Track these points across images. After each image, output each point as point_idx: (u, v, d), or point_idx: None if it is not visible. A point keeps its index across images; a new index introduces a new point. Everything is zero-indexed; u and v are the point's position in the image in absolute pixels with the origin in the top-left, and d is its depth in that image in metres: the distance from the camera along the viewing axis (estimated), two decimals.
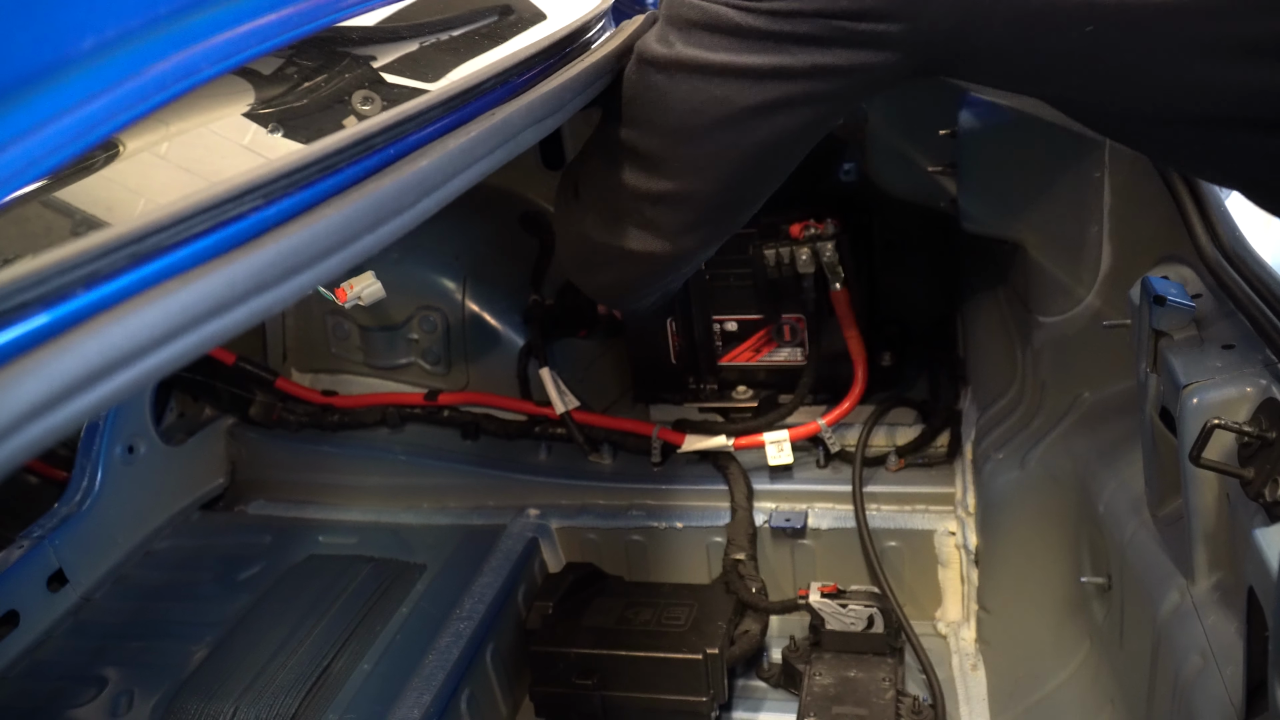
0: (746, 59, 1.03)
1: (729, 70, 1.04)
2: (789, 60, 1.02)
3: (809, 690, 1.70)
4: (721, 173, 1.16)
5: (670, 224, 1.22)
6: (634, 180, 1.18)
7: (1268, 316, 1.07)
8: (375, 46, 1.15)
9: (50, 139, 0.64)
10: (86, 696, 1.68)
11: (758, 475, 2.00)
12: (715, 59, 1.05)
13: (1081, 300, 1.59)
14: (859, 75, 1.03)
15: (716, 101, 1.07)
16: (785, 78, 1.03)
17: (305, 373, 2.31)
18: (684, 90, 1.08)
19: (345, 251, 0.75)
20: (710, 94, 1.07)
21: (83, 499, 1.95)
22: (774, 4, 0.99)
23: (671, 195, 1.18)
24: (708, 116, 1.09)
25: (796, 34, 0.99)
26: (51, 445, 0.55)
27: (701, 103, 1.08)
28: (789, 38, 1.00)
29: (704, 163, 1.14)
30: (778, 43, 1.01)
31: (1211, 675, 0.99)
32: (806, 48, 1.00)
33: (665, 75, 1.09)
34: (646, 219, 1.22)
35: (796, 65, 1.02)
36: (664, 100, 1.11)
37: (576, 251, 1.35)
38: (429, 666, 1.65)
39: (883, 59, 1.00)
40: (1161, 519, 1.19)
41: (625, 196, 1.21)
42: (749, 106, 1.06)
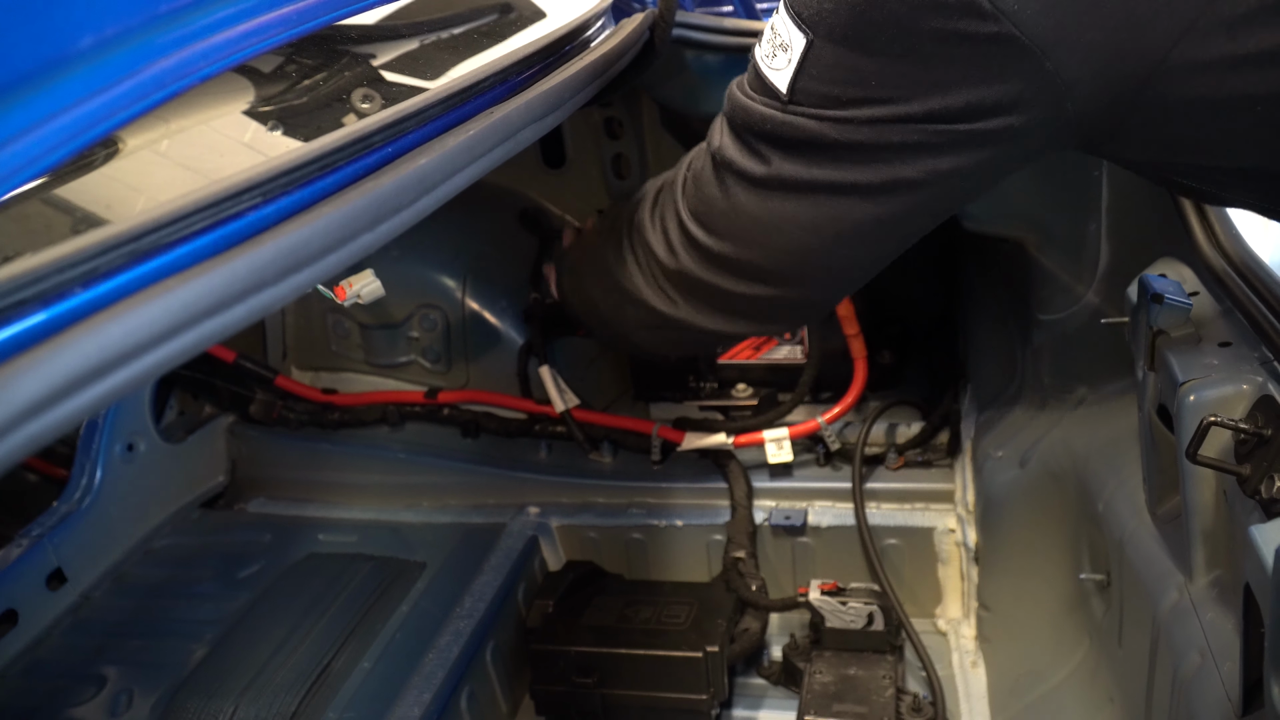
0: (856, 176, 0.93)
1: (838, 188, 0.95)
2: (907, 173, 0.92)
3: (809, 688, 1.70)
4: (832, 277, 1.10)
5: (772, 315, 1.17)
6: (731, 285, 1.10)
7: (1265, 314, 1.07)
8: (375, 45, 1.15)
9: (50, 136, 0.64)
10: (86, 695, 1.68)
11: (758, 473, 2.00)
12: (821, 177, 0.95)
13: (1080, 298, 1.59)
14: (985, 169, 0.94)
15: (829, 220, 0.98)
16: (904, 190, 0.94)
17: (305, 371, 2.31)
18: (788, 209, 0.99)
19: (344, 249, 0.75)
20: (820, 213, 0.98)
21: (82, 497, 1.95)
22: (874, 111, 0.89)
23: (776, 298, 1.11)
24: (819, 235, 1.00)
25: (908, 144, 0.90)
26: (50, 443, 0.55)
27: (809, 221, 0.99)
28: (898, 149, 0.90)
29: (818, 274, 1.08)
30: (889, 154, 0.91)
31: (1209, 672, 0.99)
32: (922, 157, 0.90)
33: (761, 193, 1.00)
34: (743, 311, 1.15)
35: (914, 177, 0.92)
36: (764, 218, 1.01)
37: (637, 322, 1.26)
38: (429, 665, 1.65)
39: (1007, 152, 0.91)
40: (1160, 516, 1.20)
41: (721, 296, 1.13)
42: (864, 221, 0.97)
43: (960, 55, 0.83)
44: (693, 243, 1.10)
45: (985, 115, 0.86)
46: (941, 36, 0.82)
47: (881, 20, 0.84)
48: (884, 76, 0.87)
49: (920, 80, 0.86)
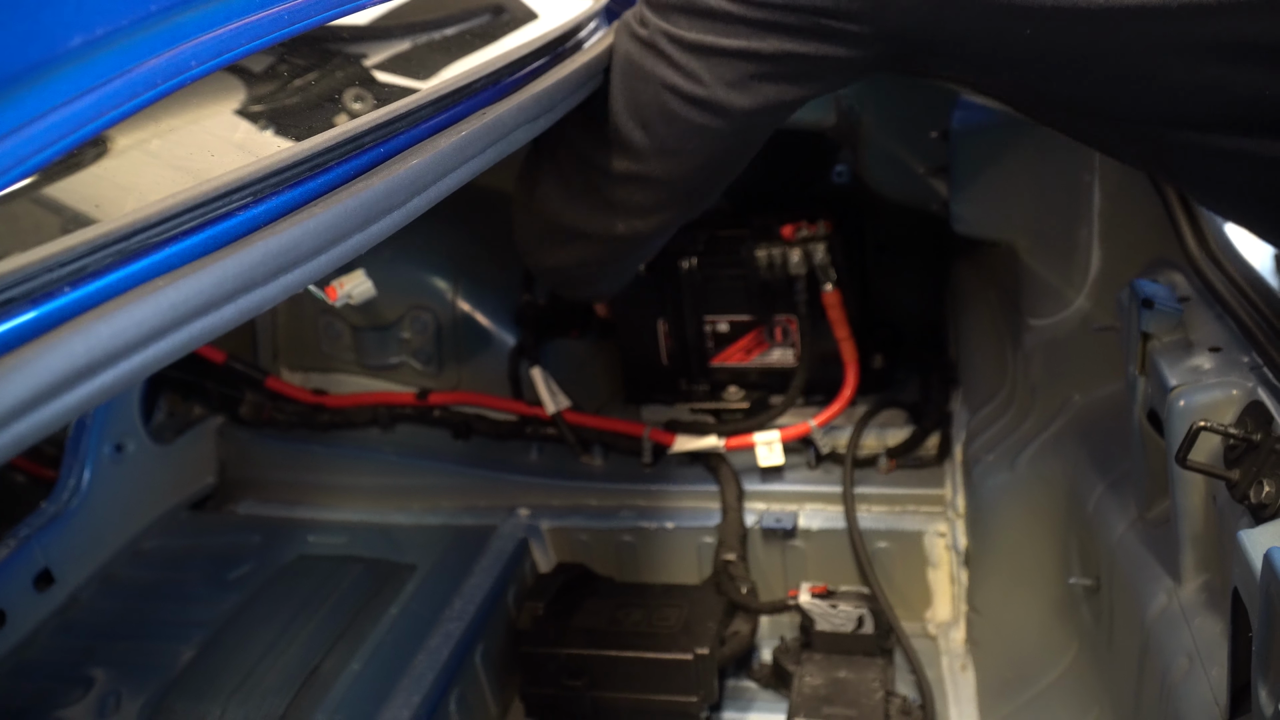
0: (719, 40, 1.06)
1: (701, 48, 1.07)
2: (760, 45, 1.05)
3: (799, 691, 1.70)
4: (691, 152, 1.17)
5: (636, 204, 1.24)
6: (605, 158, 1.20)
7: (1255, 320, 1.07)
8: (367, 45, 1.15)
9: (39, 136, 0.64)
10: (74, 696, 1.67)
11: (748, 476, 2.00)
12: (688, 37, 1.08)
13: (1072, 303, 1.60)
14: (827, 65, 1.06)
15: (688, 79, 1.10)
16: (756, 60, 1.06)
17: (296, 372, 2.31)
18: (656, 68, 1.11)
19: (335, 250, 0.75)
20: (682, 71, 1.10)
21: (70, 498, 1.94)
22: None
23: (641, 175, 1.20)
24: (679, 94, 1.11)
25: (769, 21, 1.03)
26: (37, 443, 0.55)
27: (673, 81, 1.10)
28: (761, 24, 1.03)
29: (674, 143, 1.16)
30: (750, 27, 1.04)
31: (1197, 676, 0.99)
32: (778, 34, 1.03)
33: (640, 51, 1.12)
34: (615, 198, 1.24)
35: (767, 50, 1.05)
36: (636, 77, 1.13)
37: (534, 229, 1.37)
38: (419, 667, 1.65)
39: (848, 53, 1.04)
40: (1150, 521, 1.20)
41: (595, 174, 1.23)
42: (720, 86, 1.09)
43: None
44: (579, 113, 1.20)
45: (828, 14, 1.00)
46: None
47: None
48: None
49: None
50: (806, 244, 1.89)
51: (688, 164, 1.19)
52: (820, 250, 1.87)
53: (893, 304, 2.12)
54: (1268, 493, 0.88)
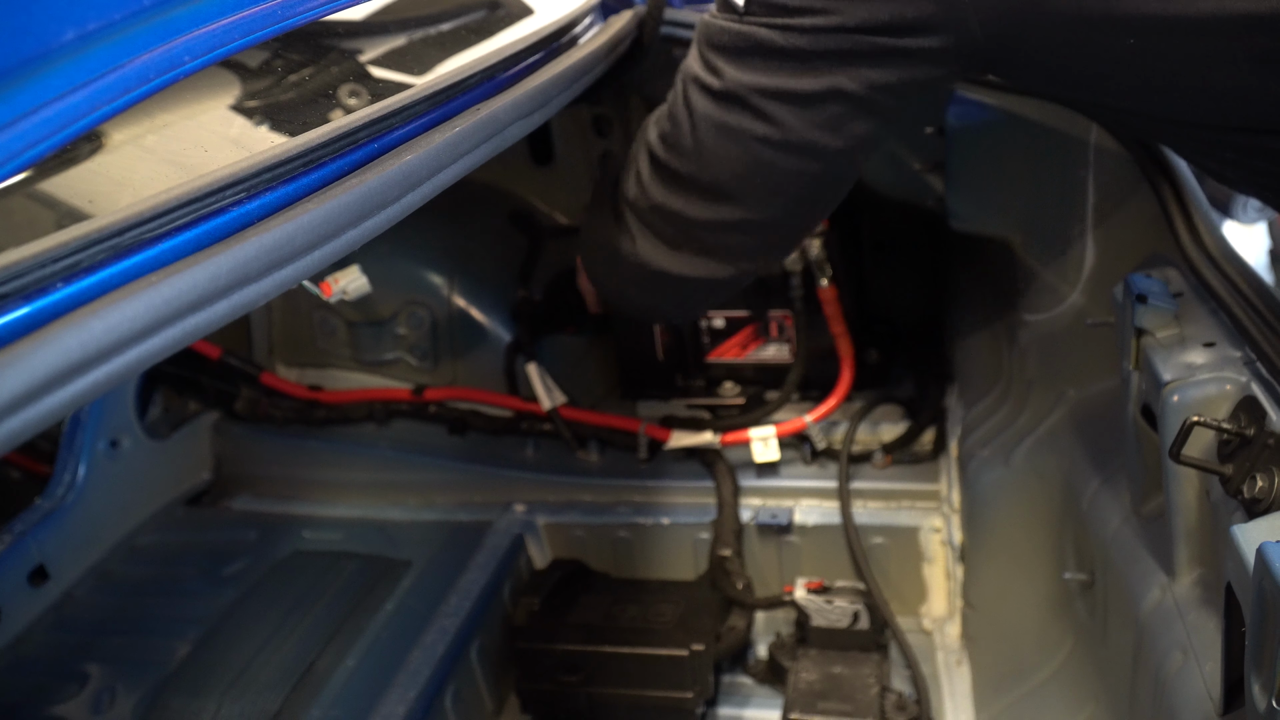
0: (802, 83, 1.03)
1: (785, 96, 1.04)
2: (845, 82, 1.02)
3: (794, 686, 1.71)
4: (790, 196, 1.15)
5: (743, 248, 1.21)
6: (700, 211, 1.17)
7: (1248, 315, 1.07)
8: (362, 40, 1.15)
9: (33, 130, 0.64)
10: (69, 693, 1.67)
11: (744, 472, 2.00)
12: (771, 84, 1.04)
13: (1066, 298, 1.60)
14: (911, 88, 1.03)
15: (779, 129, 1.06)
16: (843, 99, 1.03)
17: (291, 367, 2.30)
18: (742, 121, 1.08)
19: (329, 245, 0.75)
20: (771, 121, 1.06)
21: (65, 494, 1.94)
22: (814, 20, 0.99)
23: (743, 223, 1.17)
24: (772, 144, 1.08)
25: (847, 51, 1.00)
26: (31, 438, 0.55)
27: (765, 134, 1.07)
28: (840, 56, 1.00)
29: (773, 189, 1.13)
30: (829, 62, 1.01)
31: (1191, 671, 0.99)
32: (860, 65, 1.00)
33: (721, 108, 1.08)
34: (708, 246, 1.20)
35: (852, 87, 1.02)
36: (724, 133, 1.09)
37: (628, 277, 1.30)
38: (414, 663, 1.65)
39: (931, 72, 1.01)
40: (1144, 516, 1.20)
41: (691, 226, 1.19)
42: (811, 130, 1.06)
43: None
44: (657, 165, 1.18)
45: (906, 32, 0.97)
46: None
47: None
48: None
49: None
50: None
51: (788, 206, 1.16)
52: (816, 246, 1.87)
53: (888, 300, 2.12)
54: (1261, 487, 0.88)
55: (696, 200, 1.16)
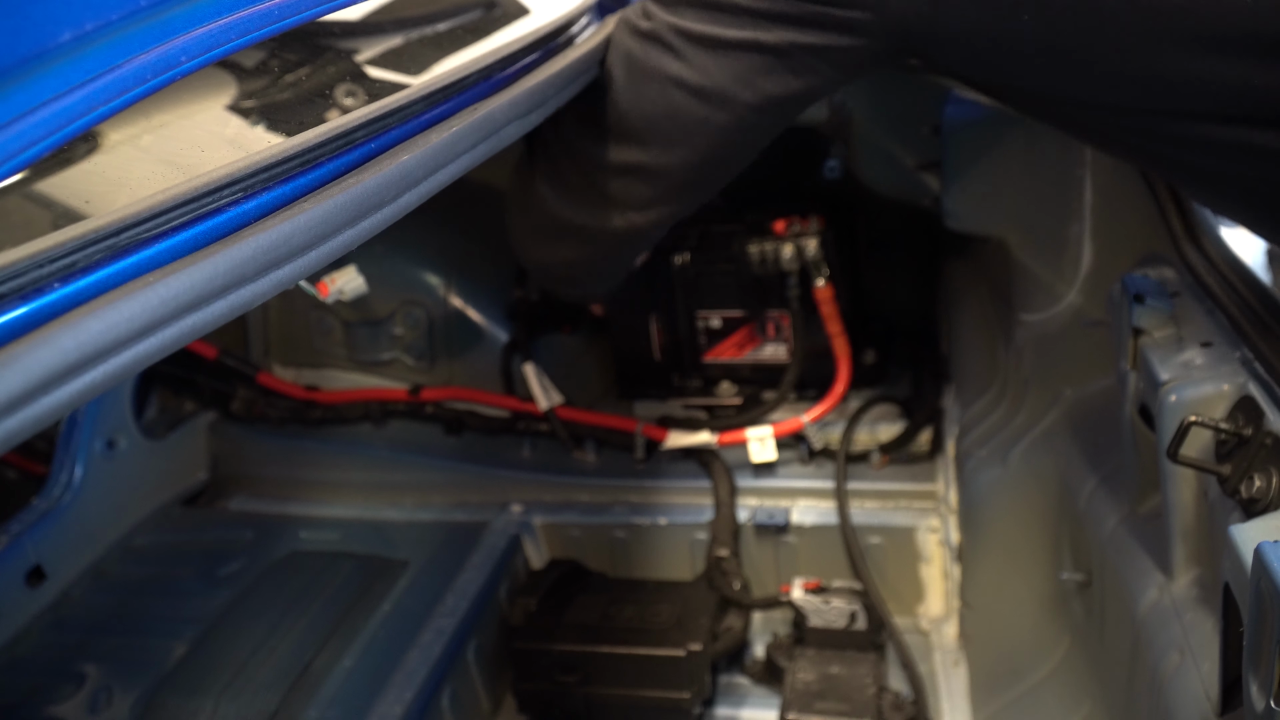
0: (726, 32, 1.06)
1: (707, 40, 1.07)
2: (765, 36, 1.05)
3: (791, 686, 1.71)
4: (693, 146, 1.17)
5: (637, 198, 1.24)
6: (603, 151, 1.20)
7: (1245, 314, 1.08)
8: (359, 40, 1.15)
9: (29, 131, 0.64)
10: (65, 693, 1.67)
11: (741, 472, 2.00)
12: (695, 29, 1.08)
13: (1063, 298, 1.60)
14: (831, 56, 1.06)
15: (694, 71, 1.10)
16: (761, 51, 1.06)
17: (288, 367, 2.30)
18: (661, 61, 1.11)
19: (326, 245, 0.75)
20: (688, 63, 1.10)
21: (62, 494, 1.94)
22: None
23: (642, 168, 1.20)
24: (684, 87, 1.11)
25: (775, 12, 1.03)
26: (28, 438, 0.55)
27: (678, 73, 1.10)
28: (767, 15, 1.04)
29: (678, 135, 1.16)
30: (756, 18, 1.05)
31: (1189, 671, 0.99)
32: (783, 25, 1.04)
33: (643, 45, 1.12)
34: (613, 192, 1.23)
35: (772, 41, 1.05)
36: (640, 71, 1.13)
37: (529, 226, 1.36)
38: (411, 663, 1.65)
39: (852, 42, 1.04)
40: (1141, 516, 1.20)
41: (592, 168, 1.22)
42: (724, 78, 1.09)
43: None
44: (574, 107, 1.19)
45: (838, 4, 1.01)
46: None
47: None
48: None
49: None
50: (799, 239, 1.89)
51: (689, 158, 1.19)
52: (812, 245, 1.87)
53: (885, 299, 2.12)
54: (1259, 487, 0.88)
55: (603, 141, 1.19)
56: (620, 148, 1.19)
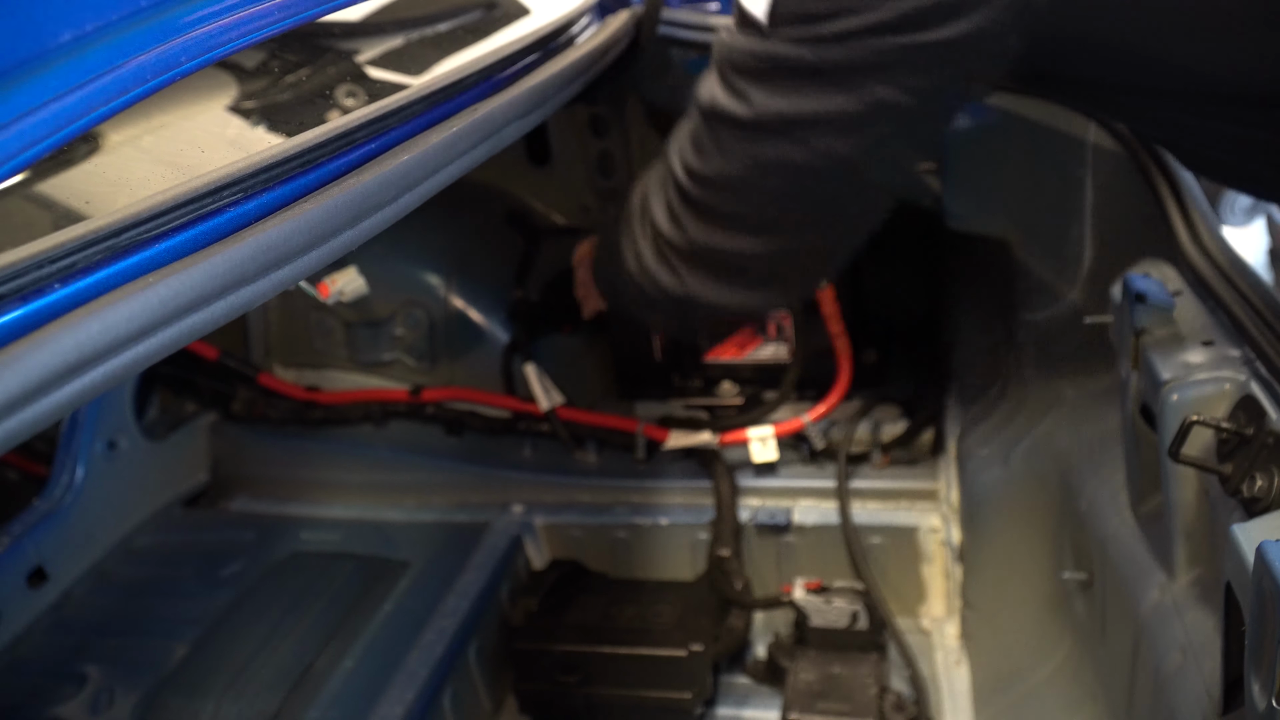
0: (840, 103, 0.93)
1: (824, 120, 0.94)
2: (889, 94, 0.91)
3: (793, 686, 1.71)
4: (842, 217, 1.08)
5: (789, 276, 1.15)
6: (741, 244, 1.08)
7: (1247, 314, 1.07)
8: (359, 41, 1.15)
9: (30, 131, 0.64)
10: (67, 693, 1.67)
11: (742, 472, 2.00)
12: (806, 109, 0.94)
13: (1064, 297, 1.60)
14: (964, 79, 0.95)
15: (816, 157, 0.97)
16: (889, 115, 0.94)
17: (289, 368, 2.30)
18: (778, 151, 0.98)
19: (326, 246, 0.75)
20: (806, 151, 0.97)
21: (63, 495, 1.94)
22: (847, 23, 0.88)
23: (789, 252, 1.10)
24: (808, 175, 0.99)
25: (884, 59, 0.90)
26: (29, 439, 0.55)
27: (800, 161, 0.98)
28: (876, 65, 0.90)
29: (822, 215, 1.06)
30: (867, 75, 0.91)
31: (1190, 671, 0.99)
32: (901, 72, 0.91)
33: (750, 136, 0.99)
34: (762, 277, 1.13)
35: (897, 100, 0.92)
36: (755, 163, 1.00)
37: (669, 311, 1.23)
38: (412, 664, 1.65)
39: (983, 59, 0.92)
40: (1142, 515, 1.20)
41: (733, 259, 1.10)
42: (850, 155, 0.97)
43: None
44: (690, 202, 1.09)
45: (957, 13, 0.87)
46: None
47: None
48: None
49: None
50: None
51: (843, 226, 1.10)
52: None
53: (886, 299, 2.12)
54: (1260, 487, 0.88)
55: (742, 236, 1.07)
56: (767, 239, 1.07)
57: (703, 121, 1.04)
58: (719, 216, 1.07)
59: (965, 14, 0.87)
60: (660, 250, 1.16)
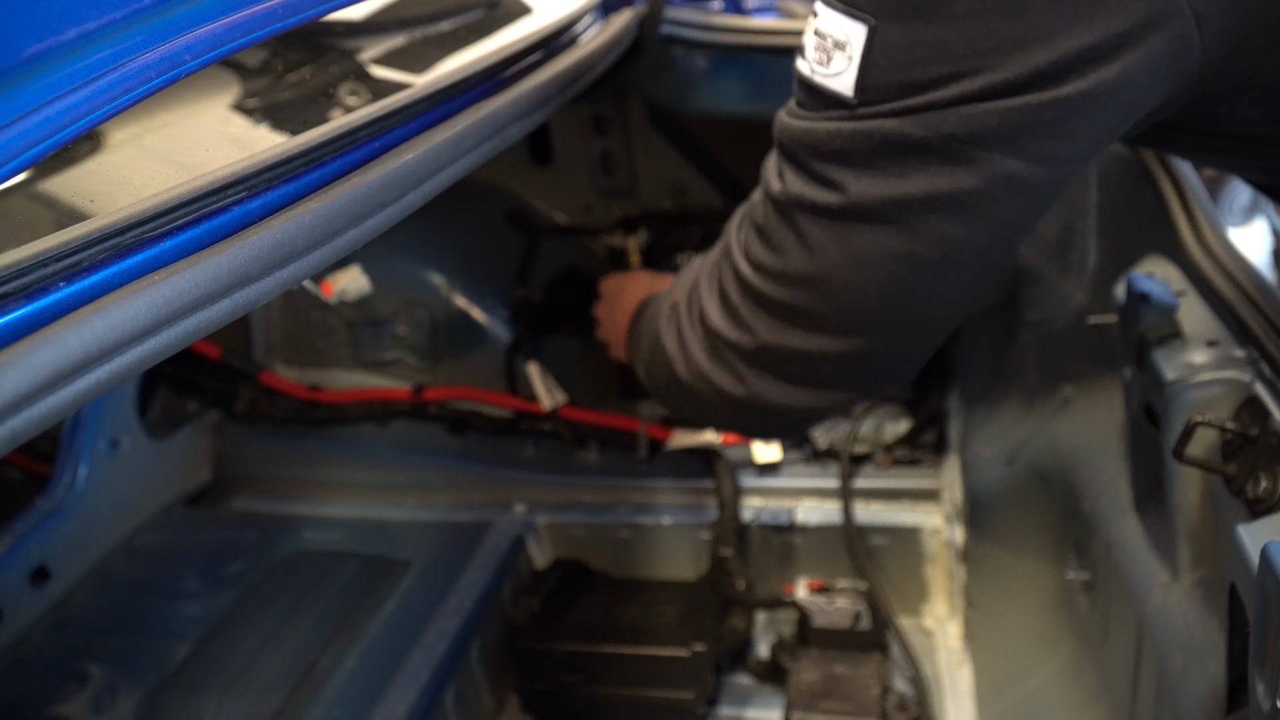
0: (952, 182, 0.79)
1: (932, 202, 0.81)
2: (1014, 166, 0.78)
3: (796, 686, 1.70)
4: (932, 316, 0.95)
5: (864, 378, 1.02)
6: (818, 345, 0.96)
7: (1251, 314, 1.07)
8: (362, 39, 1.15)
9: (33, 130, 0.64)
10: (69, 692, 1.67)
11: (745, 472, 2.00)
12: (911, 191, 0.80)
13: (1068, 297, 1.60)
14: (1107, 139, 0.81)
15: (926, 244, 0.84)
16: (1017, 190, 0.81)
17: (291, 367, 2.30)
18: (877, 239, 0.85)
19: (329, 245, 0.75)
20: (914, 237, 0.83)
21: (66, 494, 1.94)
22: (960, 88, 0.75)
23: (868, 354, 0.96)
24: (914, 264, 0.85)
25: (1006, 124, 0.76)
26: (32, 438, 0.55)
27: (903, 249, 0.84)
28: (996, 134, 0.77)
29: (912, 313, 0.92)
30: (986, 145, 0.77)
31: (1194, 671, 0.99)
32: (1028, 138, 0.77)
33: (841, 226, 0.86)
34: (833, 378, 1.01)
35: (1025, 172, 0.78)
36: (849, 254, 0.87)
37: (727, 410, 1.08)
38: (414, 663, 1.65)
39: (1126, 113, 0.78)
40: (1146, 516, 1.20)
41: (805, 361, 0.98)
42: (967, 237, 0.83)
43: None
44: (760, 300, 0.96)
45: (1101, 59, 0.72)
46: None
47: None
48: (971, 40, 0.73)
49: (1018, 33, 0.72)
50: None
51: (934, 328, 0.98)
52: None
53: None
54: (1265, 487, 0.88)
55: (823, 337, 0.94)
56: (847, 340, 0.94)
57: (775, 212, 0.91)
58: (795, 315, 0.94)
59: (1115, 56, 0.73)
60: (717, 351, 1.04)
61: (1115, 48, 0.72)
